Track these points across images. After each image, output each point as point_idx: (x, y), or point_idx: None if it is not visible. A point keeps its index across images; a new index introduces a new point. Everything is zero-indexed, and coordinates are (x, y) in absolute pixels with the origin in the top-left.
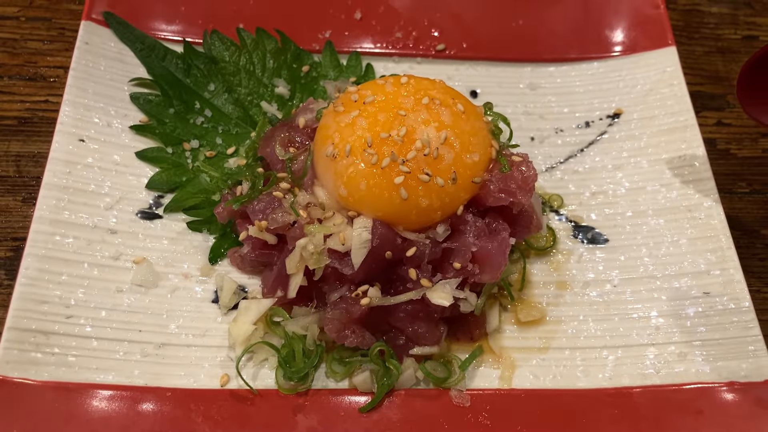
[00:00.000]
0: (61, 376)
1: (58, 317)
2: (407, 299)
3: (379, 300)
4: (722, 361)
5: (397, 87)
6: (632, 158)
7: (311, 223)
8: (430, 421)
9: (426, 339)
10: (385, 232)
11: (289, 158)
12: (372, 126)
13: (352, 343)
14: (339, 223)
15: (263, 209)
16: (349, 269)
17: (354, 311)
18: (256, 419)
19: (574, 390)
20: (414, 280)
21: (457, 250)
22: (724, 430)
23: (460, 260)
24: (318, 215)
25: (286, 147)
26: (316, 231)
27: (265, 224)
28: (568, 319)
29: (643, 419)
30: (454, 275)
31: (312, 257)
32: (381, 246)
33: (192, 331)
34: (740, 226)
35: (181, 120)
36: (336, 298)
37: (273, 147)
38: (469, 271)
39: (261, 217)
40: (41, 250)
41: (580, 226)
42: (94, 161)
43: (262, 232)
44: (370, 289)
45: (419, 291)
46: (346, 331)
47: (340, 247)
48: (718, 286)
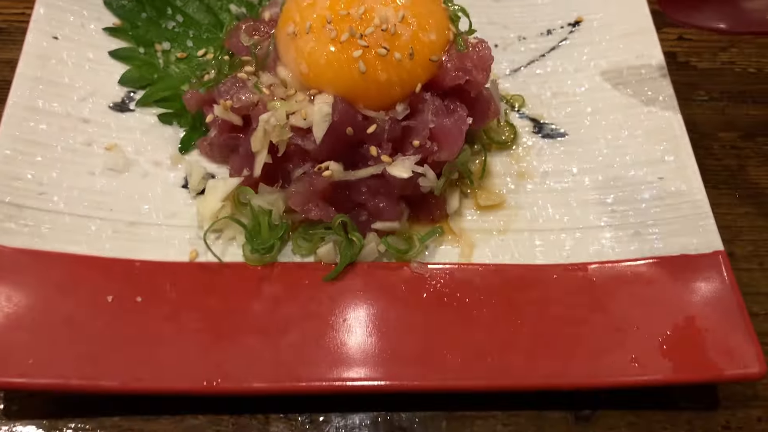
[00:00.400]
0: (33, 245)
1: (32, 193)
2: (368, 174)
3: (341, 174)
4: (674, 238)
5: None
6: (592, 61)
7: (274, 100)
8: (390, 288)
9: (387, 214)
10: (346, 107)
11: (253, 44)
12: (332, 5)
13: (316, 216)
14: (301, 100)
15: (228, 90)
16: (311, 144)
17: (317, 184)
18: (223, 286)
19: (532, 265)
20: (375, 157)
21: (415, 128)
22: (673, 296)
23: (419, 138)
24: (281, 94)
25: (251, 34)
26: (279, 106)
27: (229, 103)
28: (527, 205)
29: (598, 288)
30: (413, 153)
31: (275, 130)
32: (341, 122)
33: (162, 212)
34: (698, 130)
35: (154, 24)
36: (300, 173)
37: (238, 36)
38: (428, 148)
39: (226, 97)
40: (15, 132)
41: (540, 123)
42: (67, 57)
43: (227, 111)
44: (332, 164)
45: (379, 166)
46: (309, 205)
47: (302, 123)
48: (671, 171)
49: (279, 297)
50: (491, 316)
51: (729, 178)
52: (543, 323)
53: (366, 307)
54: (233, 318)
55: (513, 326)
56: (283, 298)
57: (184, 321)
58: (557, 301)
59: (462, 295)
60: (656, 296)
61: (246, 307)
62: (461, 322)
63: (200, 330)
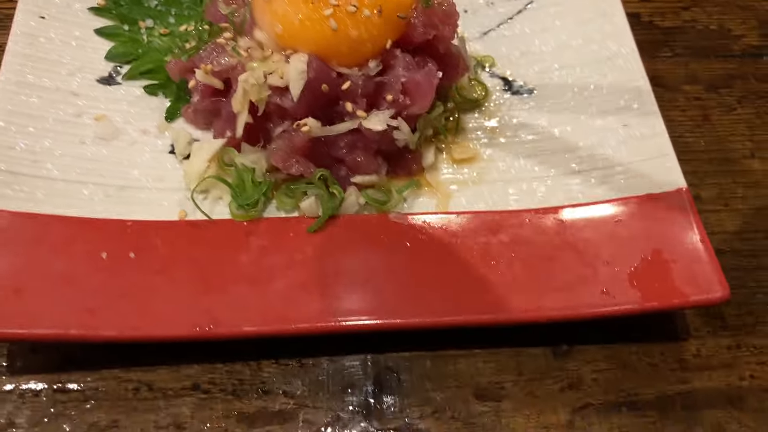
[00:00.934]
0: (29, 209)
1: (26, 161)
2: (345, 129)
3: (319, 130)
4: (640, 179)
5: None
6: (557, 20)
7: (252, 61)
8: (372, 237)
9: (366, 167)
10: (320, 65)
11: (231, 12)
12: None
13: (298, 172)
14: (277, 60)
15: (208, 55)
16: (289, 102)
17: (297, 141)
18: (212, 241)
19: (506, 211)
20: (350, 113)
21: (388, 83)
22: (640, 232)
23: (392, 92)
24: (258, 56)
25: (228, 3)
26: (257, 66)
27: (210, 68)
28: (500, 157)
29: (568, 229)
30: (387, 107)
31: (253, 89)
32: (317, 78)
33: (151, 177)
34: (663, 84)
35: (136, 3)
36: (280, 131)
37: (216, 6)
38: (401, 102)
39: (207, 62)
40: (8, 105)
41: (510, 81)
42: (55, 35)
43: (208, 75)
44: (310, 120)
45: (355, 121)
46: (291, 161)
47: (279, 82)
48: (635, 118)
49: (265, 248)
50: (468, 258)
51: (694, 128)
52: (517, 262)
53: (349, 254)
54: (222, 269)
55: (489, 266)
56: (269, 249)
57: (175, 273)
58: (530, 241)
59: (440, 240)
60: (623, 233)
61: (234, 258)
62: (440, 264)
63: (191, 280)
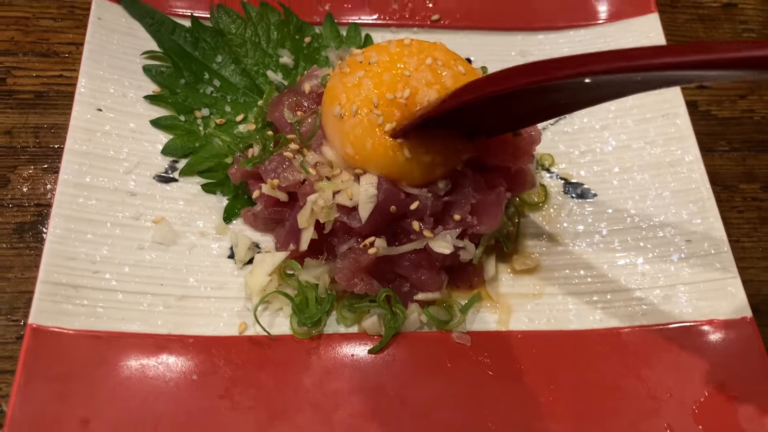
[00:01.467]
0: (91, 326)
1: (86, 272)
2: (411, 249)
3: (385, 250)
4: (703, 302)
5: (401, 48)
6: (618, 119)
7: (320, 180)
8: (434, 359)
9: (429, 285)
10: (390, 187)
11: (297, 121)
12: (377, 86)
13: (361, 291)
14: (346, 180)
15: (275, 168)
16: (357, 222)
17: (362, 260)
18: (274, 361)
19: (567, 331)
20: (417, 232)
21: (457, 203)
22: (704, 362)
23: (460, 212)
24: (326, 173)
25: (294, 111)
26: (326, 187)
27: (277, 182)
28: (560, 267)
29: (631, 355)
30: (454, 226)
31: (322, 211)
32: (386, 200)
33: (210, 284)
34: (720, 182)
35: (192, 90)
36: (345, 249)
37: (281, 111)
38: (468, 222)
39: (273, 176)
40: (67, 210)
41: (570, 183)
42: (111, 129)
43: (274, 189)
44: (377, 240)
45: (422, 241)
46: (355, 280)
47: (348, 202)
48: (699, 234)
49: (328, 371)
50: (531, 386)
51: (751, 231)
52: (580, 392)
53: (411, 380)
54: (285, 394)
55: (552, 396)
56: (332, 372)
57: (239, 398)
58: (592, 368)
59: (502, 364)
60: (687, 363)
61: (297, 382)
62: (502, 393)
63: (254, 407)
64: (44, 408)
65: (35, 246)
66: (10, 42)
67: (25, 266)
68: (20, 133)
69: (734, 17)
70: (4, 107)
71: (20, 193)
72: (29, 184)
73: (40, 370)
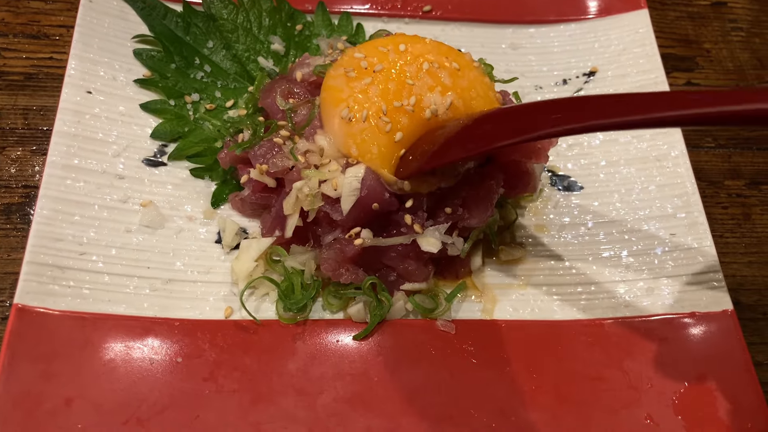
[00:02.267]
0: (76, 307)
1: (72, 254)
2: (398, 243)
3: (372, 241)
4: (685, 294)
5: (398, 55)
6: None
7: (308, 168)
8: (418, 346)
9: (415, 276)
10: (374, 184)
11: (290, 108)
12: (384, 95)
13: (347, 280)
14: (334, 169)
15: (264, 154)
16: (338, 215)
17: (347, 251)
18: (259, 345)
19: (551, 321)
20: (408, 225)
21: (447, 196)
22: (685, 354)
23: (451, 205)
24: (315, 161)
25: (286, 98)
26: (312, 175)
27: (265, 167)
28: (545, 258)
29: (614, 346)
30: (444, 219)
31: (307, 199)
32: (368, 196)
33: (197, 269)
34: (706, 177)
35: (182, 75)
36: (331, 239)
37: (274, 98)
38: (459, 215)
39: (262, 161)
40: (54, 192)
41: (557, 175)
42: (100, 112)
43: (262, 175)
44: (363, 231)
45: (410, 236)
46: (340, 269)
47: (332, 193)
48: (683, 228)
49: (313, 355)
50: (513, 374)
51: (735, 227)
52: (562, 380)
53: (395, 366)
54: (270, 378)
55: (534, 384)
56: (317, 357)
57: (223, 381)
58: (575, 357)
59: (485, 352)
60: (669, 354)
61: (282, 366)
62: (485, 381)
63: (239, 390)
64: (28, 387)
65: (22, 227)
66: (1, 23)
67: (11, 247)
68: (9, 114)
69: (723, 15)
70: None
71: (8, 174)
72: (17, 165)
73: (25, 350)
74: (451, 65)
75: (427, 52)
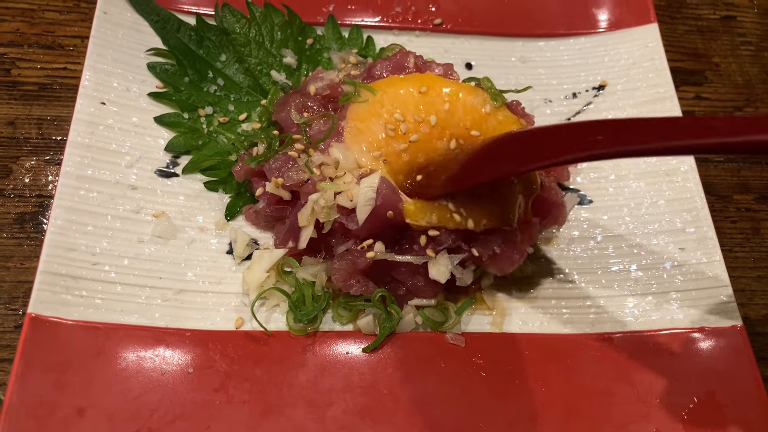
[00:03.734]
0: (89, 317)
1: (85, 263)
2: (408, 261)
3: (383, 255)
4: (694, 309)
5: (417, 98)
6: None
7: (323, 181)
8: (428, 359)
9: (424, 293)
10: (389, 193)
11: (305, 122)
12: (413, 160)
13: (357, 292)
14: (349, 181)
15: (279, 167)
16: (354, 225)
17: (359, 263)
18: (269, 356)
19: (560, 334)
20: (421, 246)
21: (481, 241)
22: (694, 369)
23: (479, 251)
24: (330, 174)
25: (301, 112)
26: (328, 187)
27: (281, 181)
28: (554, 272)
29: (622, 360)
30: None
31: (323, 211)
32: (383, 205)
33: (208, 279)
34: (715, 192)
35: (195, 88)
36: (343, 250)
37: (288, 112)
38: (482, 261)
39: (277, 174)
40: (68, 202)
41: (566, 189)
42: (114, 123)
43: (278, 188)
44: (376, 244)
45: (420, 258)
46: (351, 281)
47: (347, 204)
48: (692, 242)
49: (323, 367)
50: (522, 387)
51: (744, 242)
52: (571, 394)
53: (405, 379)
54: (280, 389)
55: (543, 398)
56: (326, 368)
57: (234, 392)
58: (584, 371)
59: (495, 365)
60: (677, 369)
61: (292, 377)
62: (495, 394)
63: (249, 401)
64: (41, 397)
65: (35, 237)
66: (16, 33)
67: (24, 256)
68: (23, 124)
69: (733, 30)
70: (8, 98)
71: (22, 183)
72: (31, 175)
73: (38, 360)
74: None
75: (466, 120)
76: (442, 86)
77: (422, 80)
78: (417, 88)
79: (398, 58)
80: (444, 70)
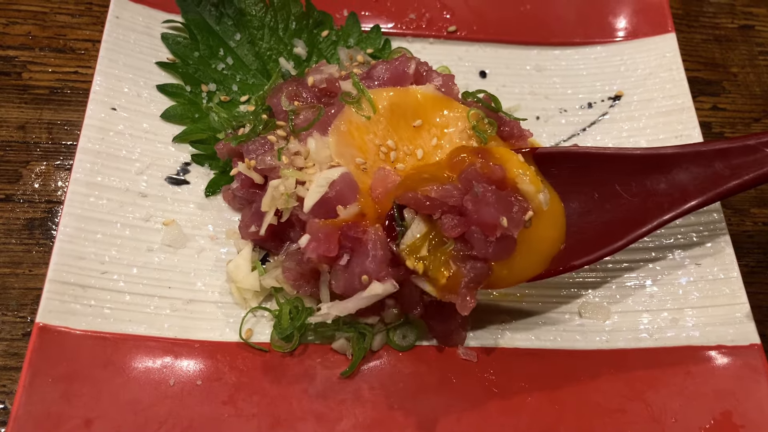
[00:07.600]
0: (97, 327)
1: (94, 272)
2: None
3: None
4: (711, 327)
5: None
6: (631, 138)
7: (289, 168)
8: (439, 375)
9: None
10: (345, 189)
11: (292, 110)
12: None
13: (307, 293)
14: (312, 173)
15: (255, 149)
16: (304, 215)
17: (305, 265)
18: (279, 369)
19: (573, 350)
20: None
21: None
22: (710, 388)
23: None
24: (299, 164)
25: (291, 100)
26: (290, 175)
27: (253, 163)
28: (568, 286)
29: (637, 379)
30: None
31: (281, 197)
32: (336, 198)
33: (217, 289)
34: (731, 206)
35: (204, 63)
36: (295, 248)
37: (280, 98)
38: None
39: (251, 156)
40: (78, 210)
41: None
42: (124, 128)
43: (249, 170)
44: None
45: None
46: (301, 281)
47: (305, 194)
48: (708, 257)
49: (332, 381)
50: (535, 405)
51: (761, 257)
52: (584, 412)
53: (416, 394)
54: (289, 403)
55: (556, 415)
56: (336, 382)
57: (242, 405)
58: (597, 388)
59: (507, 381)
60: (693, 387)
61: (301, 391)
62: (507, 410)
63: (258, 414)
64: (48, 407)
65: (44, 243)
66: (27, 36)
67: (33, 263)
68: (34, 128)
69: (751, 39)
70: (19, 102)
71: (31, 188)
72: (41, 180)
73: (46, 370)
74: None
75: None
76: (435, 116)
77: (420, 107)
78: (413, 119)
79: (398, 63)
80: (444, 82)
